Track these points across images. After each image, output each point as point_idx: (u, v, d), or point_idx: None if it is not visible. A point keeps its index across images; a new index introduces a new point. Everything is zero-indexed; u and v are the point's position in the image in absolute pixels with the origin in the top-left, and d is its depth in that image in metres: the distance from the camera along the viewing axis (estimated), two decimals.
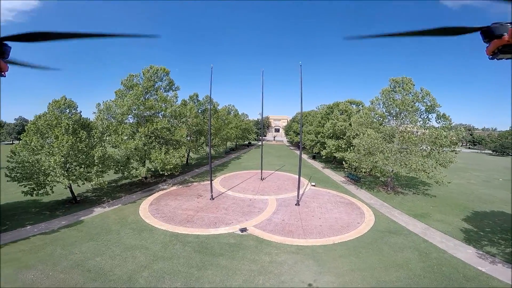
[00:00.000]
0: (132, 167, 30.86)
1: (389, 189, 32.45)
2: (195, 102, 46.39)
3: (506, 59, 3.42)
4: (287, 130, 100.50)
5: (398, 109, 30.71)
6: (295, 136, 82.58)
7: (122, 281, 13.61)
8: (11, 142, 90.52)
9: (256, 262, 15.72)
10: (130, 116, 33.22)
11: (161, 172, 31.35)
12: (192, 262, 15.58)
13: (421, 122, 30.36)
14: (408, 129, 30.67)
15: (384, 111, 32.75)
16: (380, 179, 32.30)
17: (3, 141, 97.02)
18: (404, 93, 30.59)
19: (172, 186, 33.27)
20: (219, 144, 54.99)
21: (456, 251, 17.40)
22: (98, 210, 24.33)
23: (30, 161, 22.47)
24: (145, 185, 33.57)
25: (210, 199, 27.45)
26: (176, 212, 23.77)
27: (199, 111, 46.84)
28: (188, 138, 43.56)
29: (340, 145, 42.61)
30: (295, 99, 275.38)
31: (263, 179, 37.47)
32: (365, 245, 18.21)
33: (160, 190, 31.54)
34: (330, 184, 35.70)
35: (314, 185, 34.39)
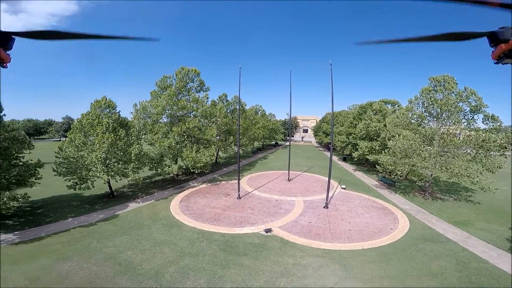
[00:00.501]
0: (165, 164, 32.53)
1: (426, 194, 30.21)
2: (224, 103, 47.31)
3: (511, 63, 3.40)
4: (316, 130, 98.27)
5: (439, 110, 28.47)
6: (325, 137, 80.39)
7: (149, 275, 14.22)
8: (59, 139, 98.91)
9: (279, 264, 15.58)
10: (164, 116, 34.83)
11: (192, 170, 32.50)
12: (216, 260, 15.88)
13: (466, 124, 27.81)
14: (451, 131, 28.25)
15: (424, 111, 30.56)
16: (417, 183, 30.17)
17: (51, 138, 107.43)
18: (446, 93, 28.26)
19: (201, 184, 34.28)
20: (247, 143, 55.53)
21: (499, 262, 15.86)
22: (132, 205, 25.89)
23: (75, 157, 24.61)
24: (177, 182, 34.99)
25: (237, 198, 27.80)
26: (205, 210, 24.43)
27: (228, 111, 47.68)
28: (218, 137, 44.57)
29: (374, 147, 40.62)
30: (324, 99, 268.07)
31: (290, 180, 37.02)
32: (397, 251, 17.26)
33: (190, 187, 32.66)
34: (361, 188, 34.18)
35: (344, 188, 33.18)
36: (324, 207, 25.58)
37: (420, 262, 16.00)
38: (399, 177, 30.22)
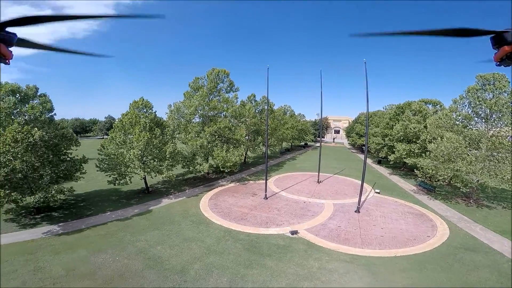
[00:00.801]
0: (197, 162, 33.77)
1: (471, 201, 27.52)
2: (252, 103, 47.59)
3: None
4: (349, 131, 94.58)
5: (488, 110, 25.72)
6: (358, 138, 77.02)
7: (175, 271, 14.71)
8: (102, 137, 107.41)
9: (303, 267, 15.23)
10: (196, 116, 36.11)
11: (222, 169, 33.22)
12: (240, 259, 15.99)
13: None
14: (502, 133, 25.33)
15: (470, 112, 27.78)
16: (461, 190, 27.52)
17: (95, 136, 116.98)
18: (497, 92, 25.43)
19: (230, 183, 34.88)
20: (275, 144, 55.28)
21: None
22: (165, 201, 27.17)
23: (115, 154, 26.50)
24: (207, 180, 36.03)
25: (264, 198, 27.78)
26: (232, 208, 24.79)
27: (256, 111, 47.87)
28: (247, 137, 45.01)
29: (412, 149, 38.00)
30: (357, 99, 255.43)
31: (320, 182, 36.03)
32: (432, 260, 16.09)
33: (220, 186, 33.41)
34: (397, 193, 32.14)
35: (378, 192, 31.47)
36: (355, 211, 24.48)
37: (457, 272, 14.82)
38: (441, 182, 27.86)
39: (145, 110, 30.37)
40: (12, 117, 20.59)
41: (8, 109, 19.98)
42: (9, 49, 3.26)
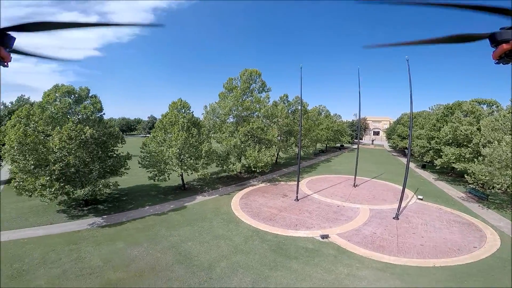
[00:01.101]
0: (230, 162, 34.58)
1: None
2: (285, 103, 47.09)
3: None
4: (389, 133, 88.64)
5: None
6: (400, 140, 71.85)
7: (202, 267, 15.12)
8: (145, 135, 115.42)
9: (330, 272, 14.66)
10: (230, 116, 36.98)
11: (253, 169, 33.54)
12: (265, 260, 15.92)
13: None
14: None
15: None
16: None
17: (139, 134, 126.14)
18: None
19: (261, 183, 35.04)
20: (308, 145, 54.04)
21: None
22: (199, 198, 28.27)
23: (156, 151, 28.30)
24: (239, 180, 36.67)
25: (294, 200, 27.36)
26: (262, 209, 24.86)
27: (289, 112, 47.31)
28: (279, 138, 44.78)
29: (463, 154, 34.30)
30: (399, 99, 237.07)
31: (356, 185, 34.37)
32: (476, 273, 14.52)
33: (251, 185, 33.76)
34: (443, 200, 29.36)
35: (421, 199, 29.07)
36: (394, 217, 22.91)
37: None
38: (497, 190, 24.80)
39: (183, 110, 31.97)
40: (68, 116, 23.04)
41: (64, 109, 22.37)
42: (8, 51, 3.27)
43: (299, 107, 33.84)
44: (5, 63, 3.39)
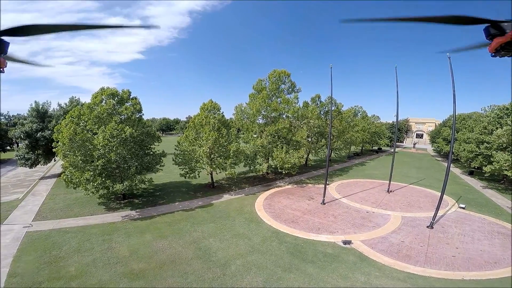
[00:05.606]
0: (257, 162, 35.07)
1: None
2: (317, 104, 46.06)
3: (508, 56, 3.43)
4: (434, 136, 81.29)
5: None
6: (445, 144, 65.55)
7: (218, 264, 15.61)
8: (182, 134, 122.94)
9: (347, 279, 14.19)
10: (259, 116, 37.48)
11: (280, 170, 33.57)
12: (280, 261, 15.94)
13: None
14: None
15: None
16: None
17: (177, 133, 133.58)
18: None
19: (287, 185, 34.91)
20: (341, 147, 52.13)
21: None
22: (226, 197, 29.20)
23: (188, 150, 29.95)
24: (265, 180, 36.98)
25: (321, 203, 26.80)
26: (285, 210, 24.84)
27: (321, 113, 46.16)
28: (309, 139, 44.02)
29: None
30: (447, 100, 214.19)
31: (391, 191, 32.39)
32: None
33: (277, 186, 33.84)
34: (488, 209, 26.41)
35: (463, 208, 26.45)
36: (428, 226, 21.27)
37: None
38: None
39: (213, 111, 33.35)
40: (112, 116, 25.56)
41: (109, 109, 24.89)
42: (3, 57, 3.29)
43: (331, 108, 32.96)
44: (1, 69, 3.39)
